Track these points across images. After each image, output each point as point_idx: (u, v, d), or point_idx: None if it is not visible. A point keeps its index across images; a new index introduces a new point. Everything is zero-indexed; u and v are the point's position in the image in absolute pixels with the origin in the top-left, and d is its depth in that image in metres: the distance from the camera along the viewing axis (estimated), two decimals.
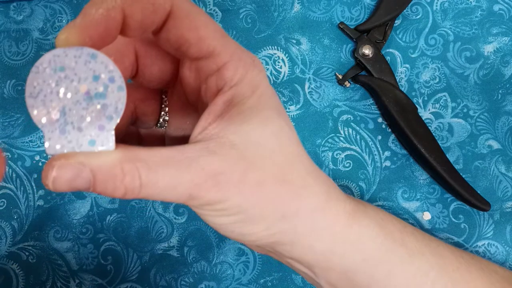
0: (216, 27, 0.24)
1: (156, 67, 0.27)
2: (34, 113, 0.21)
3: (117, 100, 0.21)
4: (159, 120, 0.29)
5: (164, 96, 0.29)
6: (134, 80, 0.27)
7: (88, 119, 0.21)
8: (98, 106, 0.21)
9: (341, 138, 0.43)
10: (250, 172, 0.23)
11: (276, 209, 0.24)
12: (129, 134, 0.30)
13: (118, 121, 0.21)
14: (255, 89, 0.24)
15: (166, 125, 0.29)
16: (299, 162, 0.25)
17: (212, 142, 0.23)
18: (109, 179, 0.21)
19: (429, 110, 0.43)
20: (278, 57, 0.44)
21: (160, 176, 0.21)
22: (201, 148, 0.23)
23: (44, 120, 0.21)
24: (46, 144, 0.21)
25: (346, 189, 0.42)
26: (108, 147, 0.21)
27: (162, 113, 0.29)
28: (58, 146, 0.21)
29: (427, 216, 0.42)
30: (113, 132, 0.21)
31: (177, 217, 0.42)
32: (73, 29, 0.20)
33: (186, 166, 0.22)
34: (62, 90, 0.21)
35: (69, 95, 0.21)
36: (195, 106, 0.27)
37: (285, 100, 0.44)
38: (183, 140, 0.27)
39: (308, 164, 0.26)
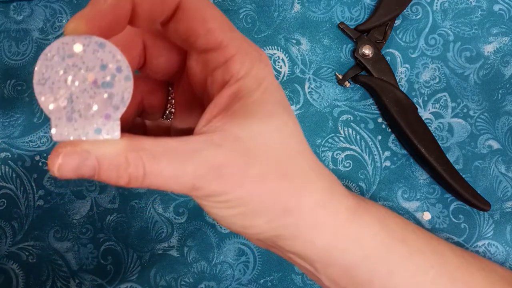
0: (224, 20, 0.24)
1: (163, 58, 0.27)
2: (41, 99, 0.21)
3: (123, 90, 0.21)
4: (165, 112, 0.30)
5: (170, 88, 0.29)
6: (141, 71, 0.27)
7: (95, 107, 0.21)
8: (105, 95, 0.21)
9: (341, 138, 0.43)
10: (253, 166, 0.23)
11: (277, 203, 0.24)
12: (136, 126, 0.30)
13: (124, 110, 0.21)
14: (261, 83, 0.24)
15: (172, 117, 0.30)
16: (302, 157, 0.25)
17: (216, 135, 0.23)
18: (113, 167, 0.21)
19: (429, 110, 0.43)
20: (278, 57, 0.44)
21: (164, 165, 0.22)
22: (205, 140, 0.23)
23: (51, 107, 0.21)
24: (53, 131, 0.21)
25: None
26: (113, 136, 0.21)
27: (168, 105, 0.29)
28: (64, 133, 0.21)
29: (427, 216, 0.42)
30: (119, 122, 0.21)
31: (177, 217, 0.42)
32: (82, 18, 0.20)
33: (190, 157, 0.22)
34: (69, 78, 0.21)
35: (76, 83, 0.21)
36: (201, 98, 0.27)
37: None
38: (189, 132, 0.27)
39: (311, 160, 0.26)
